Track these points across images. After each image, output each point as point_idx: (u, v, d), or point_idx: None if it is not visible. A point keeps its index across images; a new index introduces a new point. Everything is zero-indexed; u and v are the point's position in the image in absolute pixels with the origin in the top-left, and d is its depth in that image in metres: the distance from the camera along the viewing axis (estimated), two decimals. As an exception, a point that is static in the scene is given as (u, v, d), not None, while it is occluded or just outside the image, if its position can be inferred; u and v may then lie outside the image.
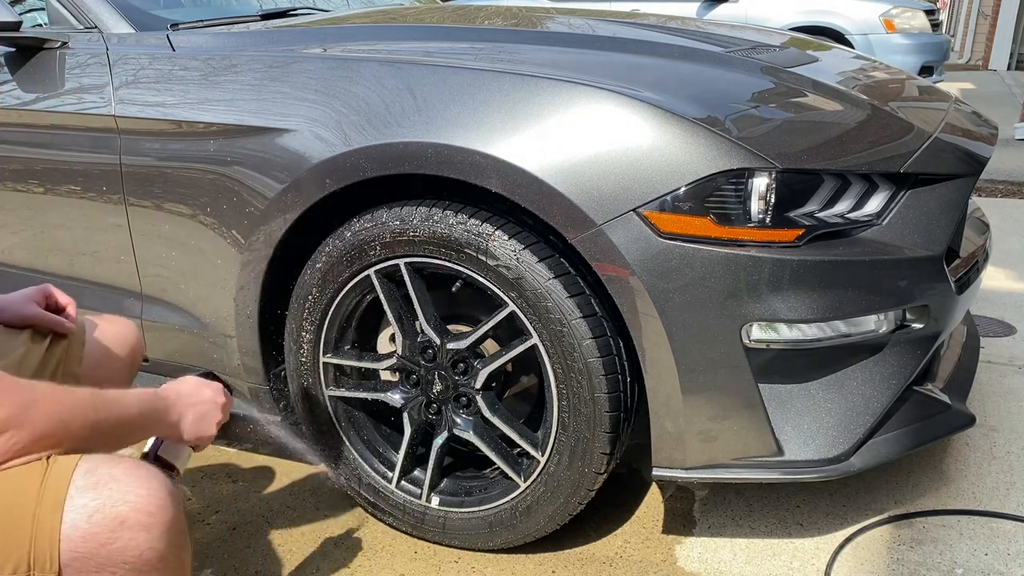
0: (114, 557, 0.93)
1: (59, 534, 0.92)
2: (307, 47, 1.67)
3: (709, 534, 1.70)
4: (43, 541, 0.92)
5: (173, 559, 0.98)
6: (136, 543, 0.94)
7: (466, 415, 1.59)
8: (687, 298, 1.34)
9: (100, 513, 0.93)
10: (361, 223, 1.50)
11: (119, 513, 0.93)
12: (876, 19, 6.64)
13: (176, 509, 0.98)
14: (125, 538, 0.93)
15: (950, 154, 1.55)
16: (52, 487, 0.93)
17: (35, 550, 0.92)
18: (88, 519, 0.92)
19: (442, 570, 1.62)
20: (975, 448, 1.96)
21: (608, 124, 1.34)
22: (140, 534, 0.94)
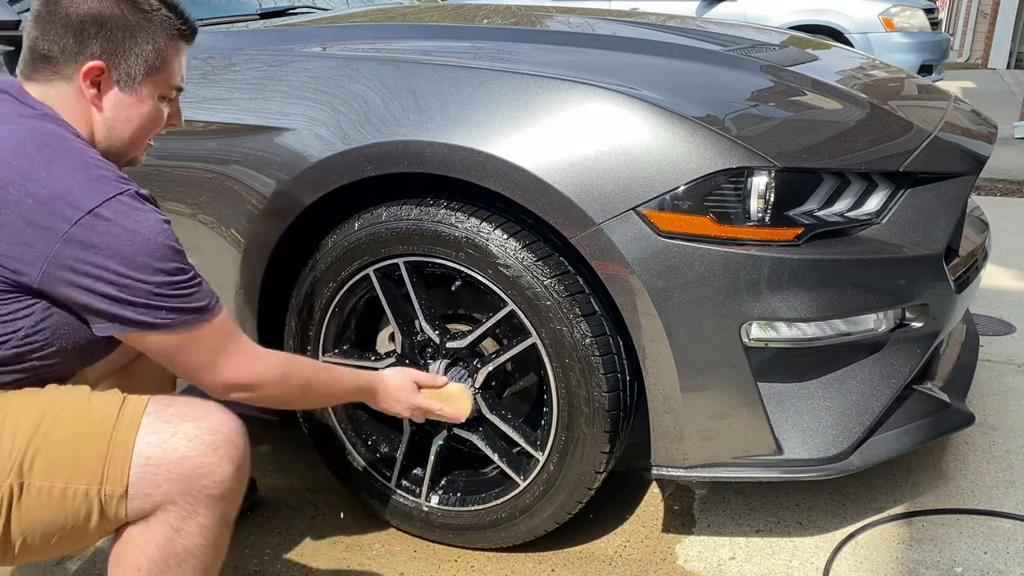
0: (198, 481, 1.01)
1: (132, 453, 1.00)
2: (306, 46, 1.67)
3: (709, 532, 1.71)
4: (116, 458, 1.00)
5: (238, 495, 1.07)
6: (222, 470, 1.03)
7: (466, 414, 1.59)
8: (687, 297, 1.34)
9: (200, 439, 1.02)
10: (360, 222, 1.50)
11: (212, 440, 1.02)
12: (875, 18, 6.64)
13: (248, 449, 1.08)
14: (212, 463, 1.02)
15: (949, 153, 1.55)
16: (129, 412, 1.03)
17: (108, 465, 1.00)
18: (188, 443, 1.01)
19: (441, 569, 1.62)
20: (974, 447, 1.96)
21: (607, 123, 1.34)
22: (226, 463, 1.03)
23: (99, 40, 1.09)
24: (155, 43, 1.13)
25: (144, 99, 1.16)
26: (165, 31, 1.14)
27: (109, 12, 1.09)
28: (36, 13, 1.10)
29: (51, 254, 0.97)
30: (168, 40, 1.15)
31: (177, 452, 1.01)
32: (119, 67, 1.12)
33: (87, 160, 1.03)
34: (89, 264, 0.98)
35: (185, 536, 1.03)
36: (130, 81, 1.13)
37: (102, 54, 1.10)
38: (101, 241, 0.98)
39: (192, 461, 1.01)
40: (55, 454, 0.99)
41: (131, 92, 1.14)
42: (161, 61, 1.15)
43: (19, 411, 1.02)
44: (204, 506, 1.03)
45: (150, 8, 1.13)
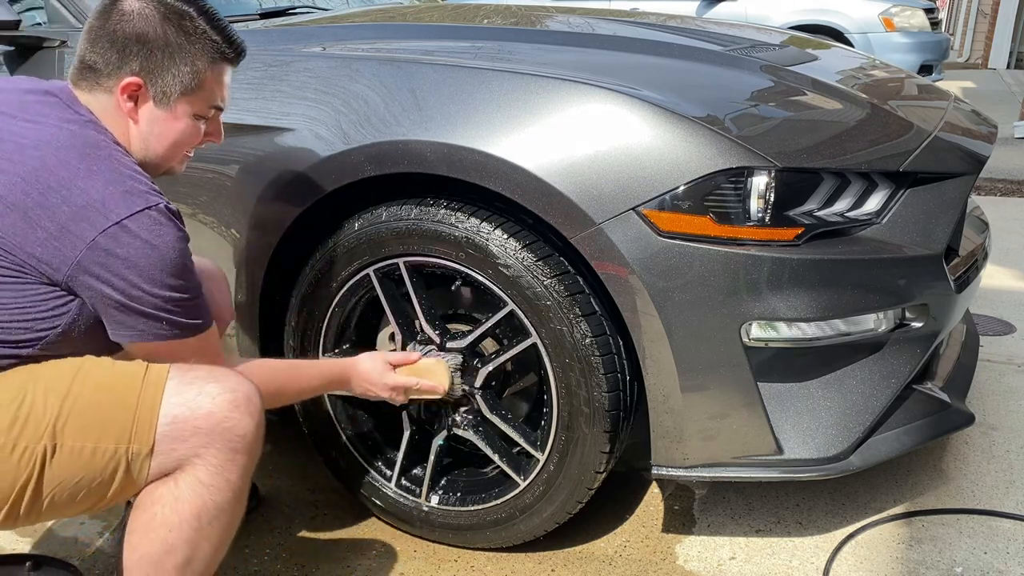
0: (223, 435, 1.09)
1: (159, 413, 1.08)
2: (306, 46, 1.67)
3: (708, 532, 1.71)
4: (144, 418, 1.07)
5: (257, 450, 1.15)
6: (244, 424, 1.11)
7: (465, 414, 1.59)
8: (687, 297, 1.34)
9: (223, 396, 1.10)
10: (360, 222, 1.50)
11: (234, 398, 1.11)
12: (875, 18, 6.64)
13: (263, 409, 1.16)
14: (235, 418, 1.10)
15: (949, 153, 1.55)
16: (153, 376, 1.10)
17: (136, 425, 1.07)
18: (212, 400, 1.09)
19: (441, 569, 1.62)
20: (974, 447, 1.96)
21: (607, 123, 1.34)
22: (247, 418, 1.11)
23: (139, 58, 1.15)
24: (193, 65, 1.18)
25: (179, 116, 1.21)
26: (206, 54, 1.19)
27: (152, 32, 1.15)
28: (89, 25, 1.17)
29: (77, 258, 1.05)
30: (208, 63, 1.20)
31: (203, 408, 1.09)
32: (155, 84, 1.17)
33: (122, 171, 1.10)
34: (108, 271, 1.06)
35: (215, 491, 1.10)
36: (165, 99, 1.18)
37: (140, 71, 1.16)
38: (122, 251, 1.06)
39: (216, 416, 1.09)
40: (86, 416, 1.06)
41: (166, 109, 1.19)
42: (198, 82, 1.19)
43: (50, 376, 1.08)
44: (230, 460, 1.11)
45: (194, 31, 1.18)
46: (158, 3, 1.16)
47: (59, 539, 1.72)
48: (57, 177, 1.05)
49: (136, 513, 1.11)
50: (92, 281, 1.06)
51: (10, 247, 1.05)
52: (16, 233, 1.04)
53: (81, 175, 1.06)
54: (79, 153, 1.08)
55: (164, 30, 1.16)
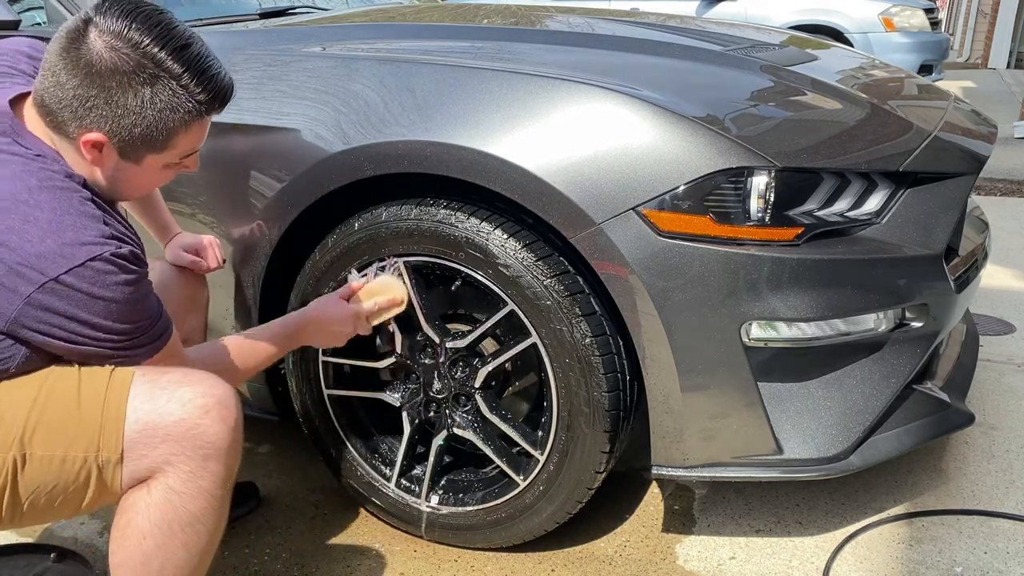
0: (193, 441, 1.06)
1: (124, 420, 1.05)
2: (306, 46, 1.67)
3: (708, 532, 1.71)
4: (110, 425, 1.05)
5: (233, 456, 1.11)
6: (215, 430, 1.07)
7: (465, 414, 1.59)
8: (686, 297, 1.34)
9: (194, 402, 1.06)
10: (360, 222, 1.50)
11: (205, 403, 1.07)
12: (875, 17, 6.64)
13: (240, 413, 1.12)
14: (205, 424, 1.06)
15: (949, 152, 1.55)
16: (117, 382, 1.07)
17: (103, 433, 1.05)
18: (182, 406, 1.06)
19: (441, 569, 1.62)
20: (974, 447, 1.96)
21: (607, 123, 1.34)
22: (219, 424, 1.08)
23: (104, 117, 1.03)
24: (166, 127, 1.06)
25: (148, 169, 1.12)
26: (181, 113, 1.06)
27: (119, 90, 1.02)
28: (48, 62, 1.03)
29: (14, 314, 1.01)
30: (181, 121, 1.07)
31: (173, 415, 1.06)
32: (121, 142, 1.06)
33: (64, 218, 1.00)
34: (48, 324, 1.02)
35: (187, 499, 1.08)
36: (132, 154, 1.08)
37: (105, 129, 1.04)
38: (61, 305, 1.01)
39: (187, 423, 1.06)
40: (53, 425, 1.05)
41: (133, 162, 1.10)
42: (168, 141, 1.08)
43: (16, 388, 1.07)
44: (201, 467, 1.08)
45: (170, 88, 1.03)
46: (129, 54, 1.00)
47: (59, 539, 1.71)
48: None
49: (116, 518, 1.11)
50: (32, 334, 1.03)
51: None
52: None
53: (16, 229, 0.98)
54: (15, 199, 0.99)
55: (135, 89, 1.02)
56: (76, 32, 1.01)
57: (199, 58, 1.05)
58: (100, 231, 1.02)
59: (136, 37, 1.01)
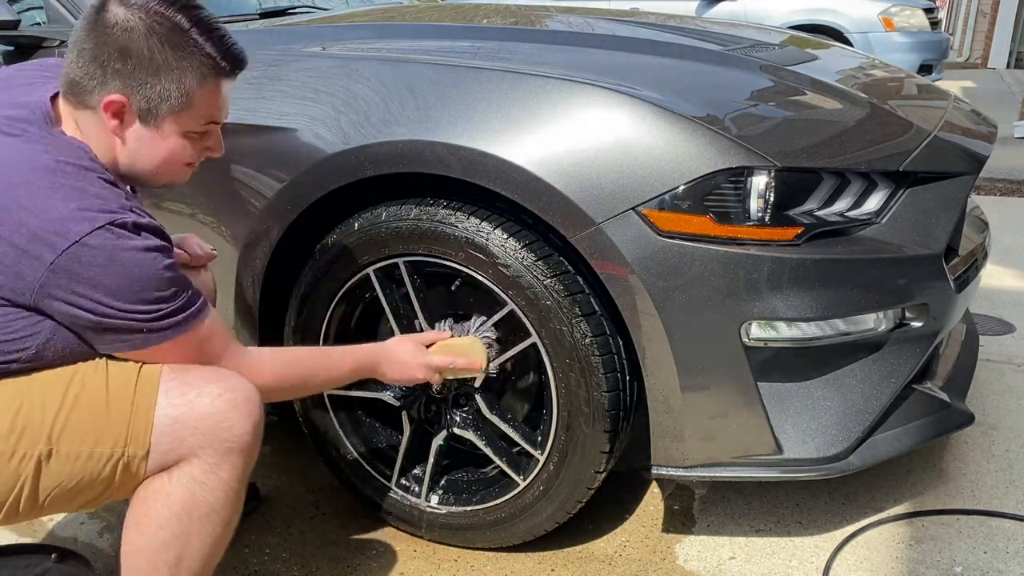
0: (220, 435, 1.09)
1: (153, 416, 1.08)
2: (306, 46, 1.67)
3: (708, 532, 1.71)
4: (139, 421, 1.07)
5: (254, 451, 1.15)
6: (241, 425, 1.11)
7: (465, 414, 1.59)
8: (686, 297, 1.34)
9: (222, 398, 1.10)
10: (360, 222, 1.50)
11: (234, 398, 1.11)
12: (875, 17, 6.64)
13: (263, 411, 1.16)
14: (233, 419, 1.10)
15: (949, 152, 1.55)
16: (145, 379, 1.10)
17: (131, 428, 1.07)
18: (211, 400, 1.09)
19: (441, 569, 1.62)
20: (974, 446, 1.96)
21: (607, 122, 1.34)
22: (245, 419, 1.11)
23: (122, 75, 1.07)
24: (181, 83, 1.10)
25: (167, 135, 1.14)
26: (197, 70, 1.10)
27: (136, 47, 1.06)
28: (75, 37, 1.09)
29: (39, 281, 1.01)
30: (198, 80, 1.11)
31: (203, 409, 1.09)
32: (140, 102, 1.10)
33: (88, 188, 1.04)
34: (74, 293, 1.02)
35: (207, 490, 1.10)
36: (151, 117, 1.11)
37: (124, 88, 1.08)
38: (85, 271, 1.01)
39: (215, 417, 1.09)
40: (81, 421, 1.07)
41: (153, 127, 1.12)
42: (186, 101, 1.11)
43: (46, 383, 1.08)
44: (224, 460, 1.10)
45: (184, 44, 1.08)
46: (146, 13, 1.07)
47: (59, 539, 1.71)
48: (16, 198, 1.01)
49: (132, 507, 1.12)
50: (59, 304, 1.03)
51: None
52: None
53: (41, 195, 1.01)
54: (43, 170, 1.03)
55: (149, 44, 1.06)
56: (98, 4, 1.08)
57: (208, 19, 1.12)
58: (121, 203, 1.05)
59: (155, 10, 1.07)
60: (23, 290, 1.02)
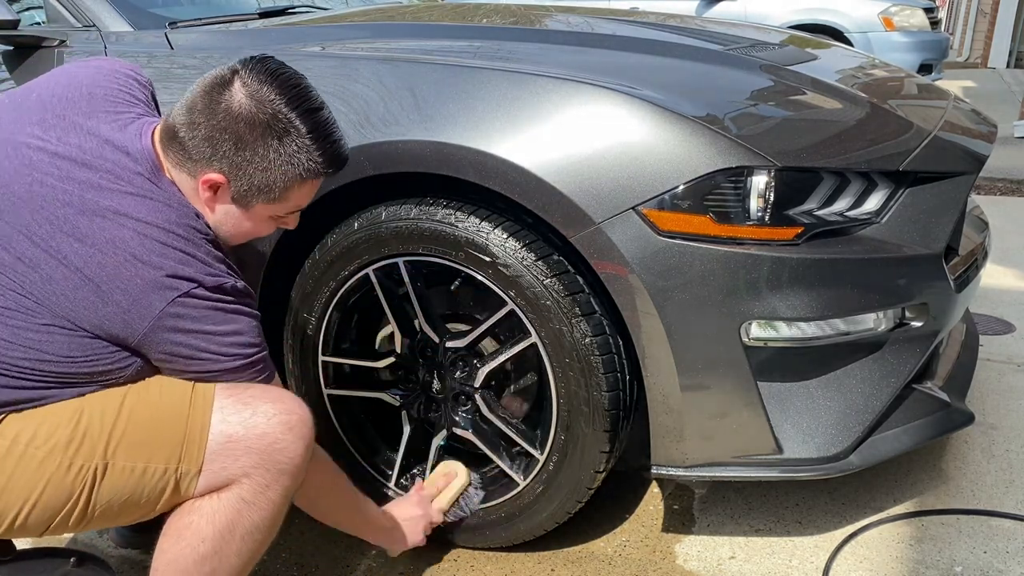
0: (274, 456, 1.10)
1: (208, 434, 1.09)
2: (305, 45, 1.67)
3: (708, 532, 1.71)
4: (193, 439, 1.09)
5: (303, 473, 1.16)
6: (295, 448, 1.12)
7: (465, 414, 1.59)
8: (686, 296, 1.34)
9: (277, 418, 1.11)
10: (360, 222, 1.50)
11: (289, 420, 1.11)
12: (875, 17, 6.64)
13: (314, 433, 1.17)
14: (288, 441, 1.11)
15: (949, 152, 1.55)
16: (200, 397, 1.11)
17: (186, 446, 1.09)
18: (267, 421, 1.10)
19: (441, 568, 1.62)
20: (974, 446, 1.96)
21: (607, 122, 1.34)
22: (299, 442, 1.12)
23: (230, 159, 1.10)
24: (284, 181, 1.13)
25: (254, 216, 1.18)
26: (300, 171, 1.13)
27: (251, 139, 1.09)
28: (191, 99, 1.11)
29: (145, 329, 1.05)
30: (299, 180, 1.14)
31: (257, 429, 1.10)
32: (239, 186, 1.13)
33: (197, 251, 1.08)
34: (174, 342, 1.07)
35: (255, 509, 1.11)
36: (245, 201, 1.15)
37: (229, 172, 1.11)
38: (188, 323, 1.07)
39: (270, 437, 1.10)
40: (137, 436, 1.08)
41: (243, 208, 1.16)
42: (281, 194, 1.15)
43: (104, 397, 1.10)
44: (275, 480, 1.11)
45: (296, 148, 1.11)
46: (266, 107, 1.08)
47: (58, 539, 1.71)
48: (135, 251, 1.04)
49: (173, 519, 1.12)
50: (157, 353, 1.08)
51: (81, 320, 1.04)
52: (87, 307, 1.04)
53: (156, 252, 1.05)
54: (158, 227, 1.06)
55: (264, 140, 1.09)
56: (222, 79, 1.09)
57: (326, 123, 1.14)
58: (222, 268, 1.11)
59: (275, 94, 1.09)
60: (129, 335, 1.06)
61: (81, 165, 1.07)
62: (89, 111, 1.13)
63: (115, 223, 1.04)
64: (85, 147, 1.09)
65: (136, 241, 1.04)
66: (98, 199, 1.05)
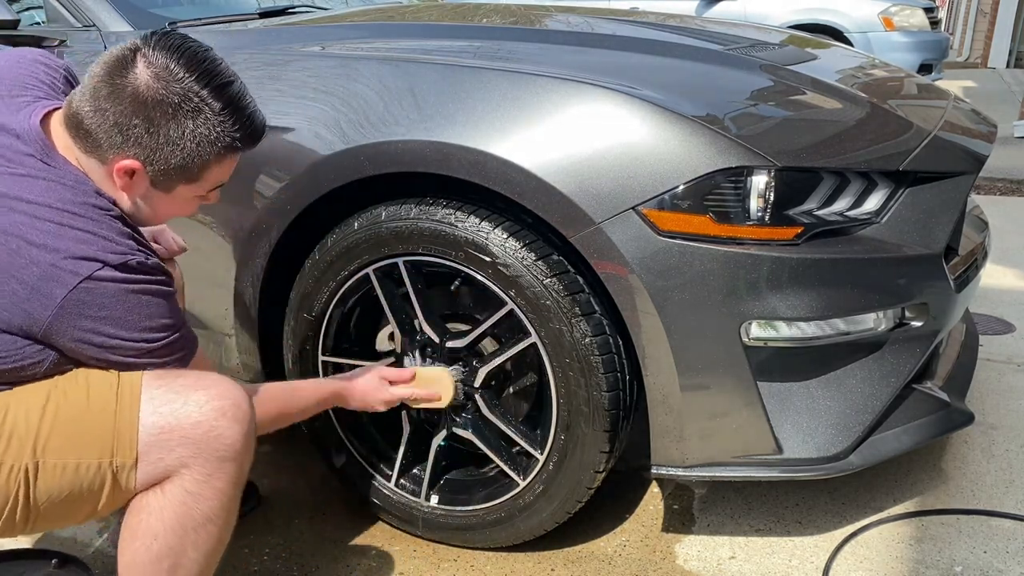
0: (211, 444, 1.07)
1: (138, 424, 1.05)
2: (305, 45, 1.67)
3: (708, 532, 1.71)
4: (124, 430, 1.05)
5: (247, 457, 1.12)
6: (232, 432, 1.08)
7: (465, 413, 1.59)
8: (686, 296, 1.34)
9: (210, 404, 1.07)
10: (360, 222, 1.50)
11: (221, 406, 1.08)
12: (875, 17, 6.64)
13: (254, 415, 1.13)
14: (222, 426, 1.07)
15: (949, 152, 1.55)
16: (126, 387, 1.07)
17: (117, 438, 1.05)
18: (199, 408, 1.06)
19: (441, 568, 1.62)
20: (974, 446, 1.96)
21: (607, 122, 1.34)
22: (235, 426, 1.08)
23: (142, 144, 1.05)
24: (201, 158, 1.09)
25: (176, 198, 1.15)
26: (217, 146, 1.09)
27: (162, 119, 1.04)
28: (92, 84, 1.05)
29: (49, 318, 1.02)
30: (216, 154, 1.10)
31: (190, 418, 1.06)
32: (155, 170, 1.08)
33: (99, 227, 1.04)
34: (81, 329, 1.03)
35: (202, 500, 1.09)
36: (163, 183, 1.11)
37: (142, 156, 1.07)
38: (95, 306, 1.03)
39: (204, 425, 1.07)
40: (65, 432, 1.05)
41: (162, 190, 1.13)
42: (201, 172, 1.11)
43: (27, 394, 1.07)
44: (218, 468, 1.08)
45: (209, 122, 1.07)
46: (175, 86, 1.03)
47: (58, 539, 1.71)
48: (27, 236, 1.00)
49: (127, 518, 1.11)
50: (66, 341, 1.04)
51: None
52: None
53: (52, 232, 1.00)
54: (50, 208, 1.02)
55: (177, 120, 1.05)
56: (123, 60, 1.04)
57: (239, 96, 1.10)
58: (130, 245, 1.06)
59: (183, 71, 1.04)
60: (32, 325, 1.02)
61: None
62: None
63: (4, 207, 1.01)
64: None
65: (28, 224, 1.00)
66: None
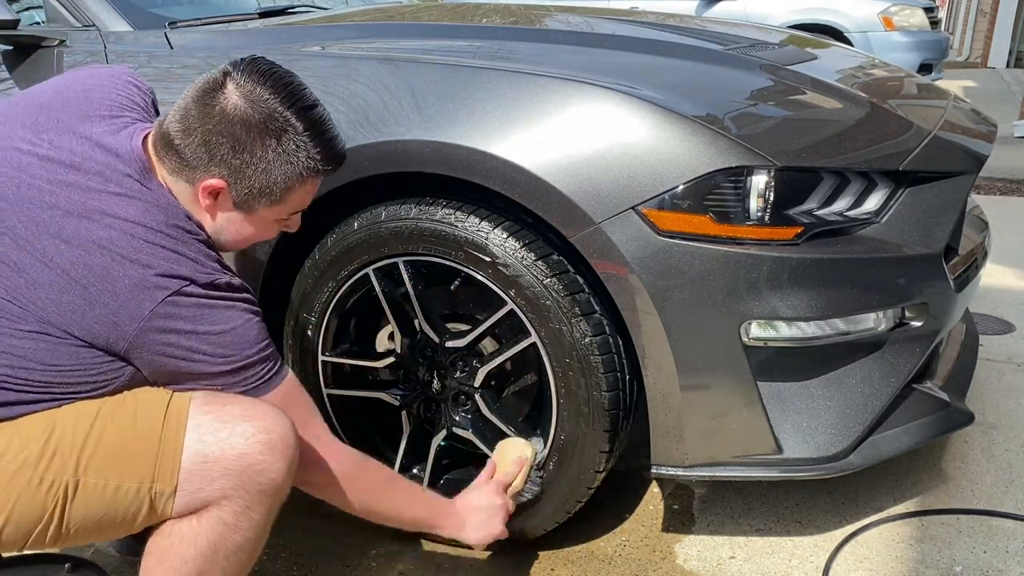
0: (254, 478, 1.05)
1: (182, 452, 1.04)
2: (305, 45, 1.67)
3: (708, 532, 1.71)
4: (167, 457, 1.04)
5: (287, 491, 1.12)
6: (276, 468, 1.07)
7: (465, 413, 1.59)
8: (686, 296, 1.34)
9: (256, 437, 1.05)
10: (360, 221, 1.50)
11: (268, 439, 1.06)
12: (875, 17, 6.64)
13: (298, 449, 1.12)
14: (267, 462, 1.06)
15: (949, 152, 1.55)
16: (174, 412, 1.06)
17: (159, 464, 1.04)
18: (245, 441, 1.05)
19: (441, 569, 1.62)
20: (974, 446, 1.96)
21: (607, 122, 1.34)
22: (280, 462, 1.07)
23: (229, 165, 1.08)
24: (285, 181, 1.11)
25: (257, 221, 1.17)
26: (300, 170, 1.11)
27: (248, 142, 1.07)
28: (184, 106, 1.09)
29: (135, 331, 1.03)
30: (299, 179, 1.12)
31: (235, 450, 1.05)
32: (240, 190, 1.11)
33: (188, 249, 1.07)
34: (165, 343, 1.04)
35: (237, 531, 1.08)
36: (247, 205, 1.13)
37: (228, 176, 1.09)
38: (180, 323, 1.04)
39: (248, 458, 1.05)
40: (109, 453, 1.04)
41: (246, 213, 1.15)
42: (282, 195, 1.13)
43: (76, 411, 1.06)
44: (257, 502, 1.07)
45: (295, 147, 1.09)
46: (262, 107, 1.07)
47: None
48: (122, 252, 1.02)
49: (155, 536, 1.10)
50: (148, 355, 1.05)
51: (68, 325, 1.02)
52: (74, 311, 1.01)
53: (144, 251, 1.03)
54: (145, 227, 1.04)
55: (262, 140, 1.07)
56: (214, 83, 1.08)
57: (322, 120, 1.12)
58: (215, 266, 1.09)
59: (268, 93, 1.08)
60: (118, 339, 1.03)
61: (70, 168, 1.06)
62: (84, 115, 1.12)
63: (101, 224, 1.03)
64: (76, 150, 1.08)
65: (123, 241, 1.02)
66: (85, 200, 1.04)
